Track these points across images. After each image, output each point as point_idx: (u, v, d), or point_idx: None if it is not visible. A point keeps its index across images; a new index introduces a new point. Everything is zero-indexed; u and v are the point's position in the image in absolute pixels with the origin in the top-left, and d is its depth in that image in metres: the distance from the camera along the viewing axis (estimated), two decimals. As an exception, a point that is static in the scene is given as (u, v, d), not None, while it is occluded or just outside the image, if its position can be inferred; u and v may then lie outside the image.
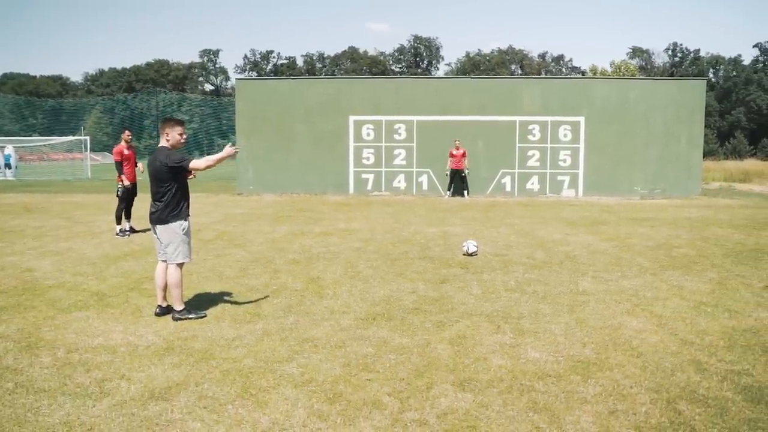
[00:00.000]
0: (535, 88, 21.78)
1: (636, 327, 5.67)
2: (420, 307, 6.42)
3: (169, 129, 6.03)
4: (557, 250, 9.95)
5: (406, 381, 4.40)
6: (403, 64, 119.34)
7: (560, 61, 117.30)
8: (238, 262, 8.83)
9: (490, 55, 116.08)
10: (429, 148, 21.33)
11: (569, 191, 21.32)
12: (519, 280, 7.70)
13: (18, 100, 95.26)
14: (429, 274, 8.04)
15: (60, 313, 6.18)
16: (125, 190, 11.75)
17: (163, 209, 5.96)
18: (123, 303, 6.59)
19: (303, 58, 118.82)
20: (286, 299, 6.74)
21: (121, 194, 11.74)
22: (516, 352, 5.00)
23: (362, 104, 21.64)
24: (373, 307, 6.39)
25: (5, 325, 5.78)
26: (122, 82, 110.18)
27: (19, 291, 7.15)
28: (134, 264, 8.73)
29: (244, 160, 22.02)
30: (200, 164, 5.82)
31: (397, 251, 9.77)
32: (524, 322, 5.88)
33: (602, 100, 21.28)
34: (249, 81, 28.57)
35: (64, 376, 4.52)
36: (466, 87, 22.60)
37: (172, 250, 6.00)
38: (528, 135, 21.35)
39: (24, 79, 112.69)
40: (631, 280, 7.67)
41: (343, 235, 11.44)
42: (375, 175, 21.66)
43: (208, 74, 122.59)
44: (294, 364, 4.72)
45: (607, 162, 21.20)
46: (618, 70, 60.89)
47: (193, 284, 7.47)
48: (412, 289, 7.20)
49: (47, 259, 9.17)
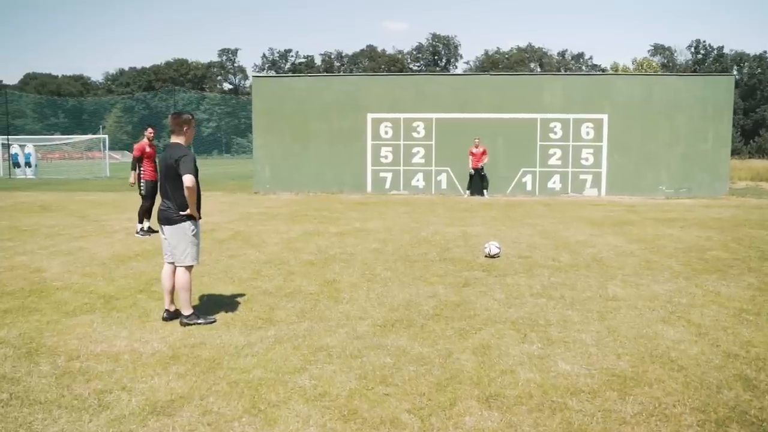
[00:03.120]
0: (557, 85, 21.32)
1: (673, 337, 5.28)
2: (441, 312, 6.08)
3: (187, 125, 5.79)
4: (583, 252, 9.55)
5: (427, 396, 4.06)
6: (421, 63, 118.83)
7: (580, 59, 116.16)
8: (252, 264, 8.54)
9: (509, 53, 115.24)
10: (448, 147, 20.95)
11: (592, 190, 20.82)
12: (544, 284, 7.33)
13: (40, 99, 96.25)
14: (449, 277, 7.69)
15: (64, 317, 5.92)
16: (150, 187, 11.44)
17: (172, 209, 5.68)
18: (130, 306, 6.32)
19: (321, 57, 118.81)
20: (300, 303, 6.42)
21: (145, 192, 11.48)
22: (545, 364, 4.64)
23: (380, 102, 21.31)
24: (391, 313, 6.06)
25: (7, 329, 5.53)
26: (142, 81, 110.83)
27: (25, 292, 6.91)
28: (145, 265, 8.47)
29: (261, 158, 21.80)
30: (189, 191, 5.56)
31: (416, 252, 9.43)
32: (552, 330, 5.52)
33: (626, 97, 20.74)
34: (266, 79, 28.40)
35: (63, 386, 4.24)
36: (485, 84, 22.21)
37: (180, 252, 5.72)
38: (549, 133, 20.88)
39: (46, 79, 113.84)
40: (664, 285, 7.26)
41: (360, 236, 11.13)
42: (393, 173, 21.32)
43: (227, 73, 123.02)
44: (306, 376, 4.40)
45: (631, 160, 20.67)
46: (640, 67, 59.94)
47: (204, 286, 7.19)
48: (432, 293, 6.86)
49: (58, 258, 8.95)
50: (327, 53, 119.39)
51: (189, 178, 5.54)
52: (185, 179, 5.53)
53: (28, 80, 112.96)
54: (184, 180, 5.53)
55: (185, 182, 5.53)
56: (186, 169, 5.55)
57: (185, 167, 5.54)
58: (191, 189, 5.56)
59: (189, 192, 5.57)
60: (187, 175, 5.53)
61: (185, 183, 5.53)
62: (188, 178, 5.54)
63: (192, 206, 5.66)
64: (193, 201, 5.65)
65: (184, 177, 5.53)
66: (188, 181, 5.53)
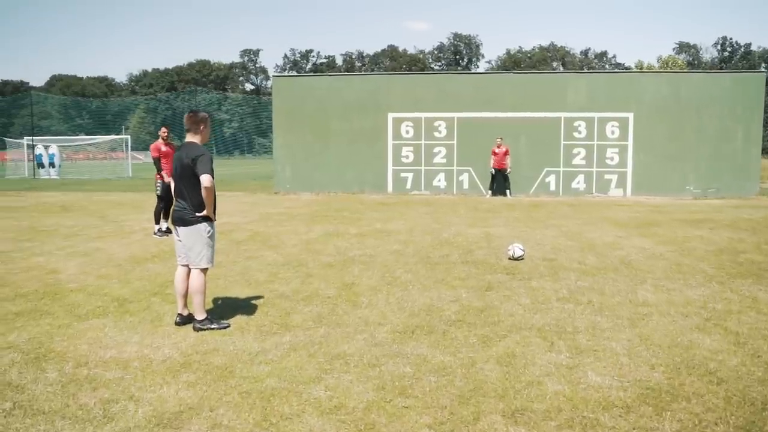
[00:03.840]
0: (581, 83, 20.93)
1: (710, 346, 4.98)
2: (463, 318, 5.83)
3: (204, 124, 5.63)
4: (610, 254, 9.24)
5: (449, 409, 3.82)
6: (442, 62, 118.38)
7: (603, 57, 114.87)
8: (269, 266, 8.36)
9: (531, 52, 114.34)
10: (470, 146, 20.64)
11: (617, 190, 20.38)
12: (571, 289, 7.04)
13: (65, 100, 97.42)
14: (472, 281, 7.44)
15: (76, 321, 5.77)
16: (166, 188, 11.32)
17: (188, 209, 5.50)
18: (143, 310, 6.16)
19: (342, 57, 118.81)
20: (317, 308, 6.22)
21: (160, 192, 11.35)
22: (574, 375, 4.37)
23: (401, 101, 21.07)
24: (411, 319, 5.82)
25: (17, 333, 5.39)
26: (165, 82, 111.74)
27: (39, 294, 6.79)
28: (161, 266, 8.33)
29: (281, 158, 21.68)
30: (207, 192, 5.40)
31: (437, 254, 9.18)
32: (581, 337, 5.24)
33: (652, 95, 20.26)
34: (286, 78, 28.34)
35: (68, 395, 4.07)
36: (508, 82, 21.90)
37: (195, 254, 5.54)
38: (573, 132, 20.49)
39: (71, 80, 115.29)
40: (697, 290, 6.94)
41: (380, 237, 10.90)
42: (414, 173, 21.07)
43: (249, 74, 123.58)
44: (322, 386, 4.19)
45: (657, 160, 20.18)
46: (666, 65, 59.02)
47: (219, 289, 7.02)
48: (454, 298, 6.61)
49: (74, 260, 8.85)
50: (348, 53, 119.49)
51: (207, 178, 5.36)
52: (203, 179, 5.35)
53: (54, 82, 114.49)
54: (202, 180, 5.35)
55: (203, 182, 5.35)
56: (203, 168, 5.37)
57: (203, 167, 5.36)
58: (209, 189, 5.39)
59: (207, 192, 5.39)
60: (204, 174, 5.36)
61: (203, 183, 5.36)
62: (206, 178, 5.36)
63: (209, 207, 5.48)
64: (211, 201, 5.47)
65: (202, 177, 5.35)
66: (206, 181, 5.36)
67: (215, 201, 5.62)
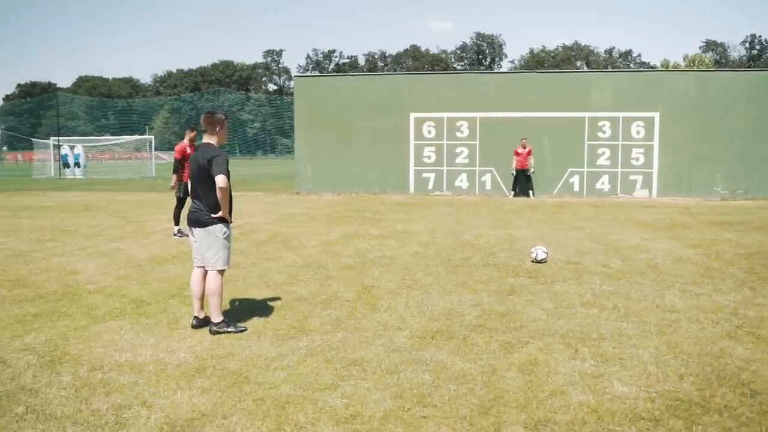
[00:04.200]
0: (606, 82, 20.58)
1: (742, 355, 4.78)
2: (484, 323, 5.69)
3: (220, 125, 5.55)
4: (636, 257, 9.01)
5: (469, 420, 3.69)
6: (465, 62, 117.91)
7: (628, 56, 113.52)
8: (288, 267, 8.28)
9: (554, 51, 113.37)
10: (492, 146, 20.42)
11: (642, 191, 20.03)
12: (596, 293, 6.86)
13: (92, 101, 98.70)
14: (494, 284, 7.28)
15: (93, 323, 5.74)
16: (185, 189, 11.29)
17: (203, 210, 5.44)
18: (160, 312, 6.11)
19: (365, 57, 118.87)
20: (336, 311, 6.11)
21: (181, 194, 11.33)
22: (600, 385, 4.21)
23: (423, 101, 20.92)
24: (431, 323, 5.70)
25: (34, 335, 5.36)
26: (189, 82, 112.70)
27: (58, 295, 6.78)
28: (180, 268, 8.29)
29: (303, 158, 21.66)
30: (222, 192, 5.33)
31: (458, 257, 9.03)
32: (606, 345, 5.07)
33: (678, 94, 19.85)
34: (308, 78, 28.34)
35: (81, 399, 4.01)
36: (531, 81, 21.63)
37: (211, 256, 5.47)
38: (598, 132, 20.16)
39: (97, 81, 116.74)
40: (727, 295, 6.71)
41: (401, 238, 10.78)
42: (436, 174, 20.91)
43: (272, 74, 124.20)
44: (338, 394, 4.08)
45: (684, 160, 19.77)
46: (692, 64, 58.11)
47: (238, 291, 6.95)
48: (475, 302, 6.46)
49: (94, 260, 8.85)
50: (370, 53, 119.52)
51: (222, 178, 5.30)
52: (218, 180, 5.29)
53: (80, 83, 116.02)
54: (217, 180, 5.29)
55: (218, 183, 5.30)
56: (219, 169, 5.31)
57: (218, 167, 5.30)
58: (224, 190, 5.33)
59: (222, 193, 5.33)
60: (220, 175, 5.30)
61: (218, 183, 5.30)
62: (221, 178, 5.30)
63: (224, 208, 5.41)
64: (226, 202, 5.41)
65: (217, 177, 5.29)
66: (221, 181, 5.30)
67: (231, 202, 5.56)
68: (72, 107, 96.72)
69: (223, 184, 5.30)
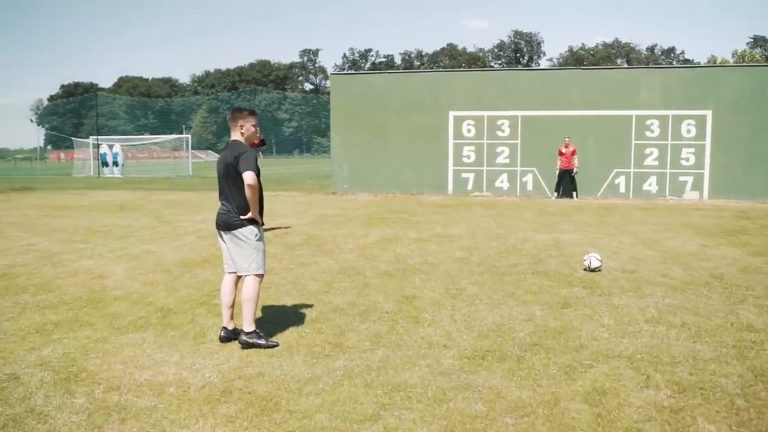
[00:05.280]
0: (654, 79, 19.64)
1: None
2: (540, 342, 5.13)
3: (242, 120, 5.08)
4: (697, 266, 8.32)
5: (534, 465, 3.16)
6: (502, 61, 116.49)
7: (671, 53, 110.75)
8: (324, 273, 7.82)
9: (594, 49, 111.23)
10: (534, 146, 19.70)
11: (692, 193, 19.09)
12: (659, 307, 6.23)
13: (132, 101, 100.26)
14: (546, 295, 6.71)
15: (115, 334, 5.34)
16: None
17: (232, 212, 5.00)
18: (187, 322, 5.69)
19: (401, 56, 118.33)
20: (375, 325, 5.61)
21: None
22: (681, 422, 3.63)
23: (463, 99, 20.30)
24: (480, 341, 5.15)
25: (52, 347, 4.98)
26: (226, 82, 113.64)
27: (82, 302, 6.43)
28: (210, 272, 7.89)
29: (338, 157, 21.25)
30: (251, 190, 4.89)
31: (504, 263, 8.46)
32: (681, 370, 4.47)
33: (733, 91, 18.81)
34: (344, 76, 27.96)
35: (93, 427, 3.59)
36: (575, 78, 20.79)
37: (243, 260, 5.04)
38: (645, 131, 19.26)
39: (137, 82, 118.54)
40: (810, 311, 6.03)
41: (442, 242, 10.24)
42: (476, 174, 20.28)
43: (308, 74, 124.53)
44: (380, 426, 3.58)
45: (738, 161, 18.74)
46: (742, 60, 56.13)
47: (270, 299, 6.51)
48: (527, 316, 5.90)
49: (123, 263, 8.52)
50: (407, 52, 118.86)
51: (250, 175, 4.84)
52: (246, 176, 4.84)
53: (121, 83, 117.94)
54: (245, 178, 4.84)
55: (246, 179, 4.84)
56: (246, 165, 4.86)
57: (245, 164, 4.85)
58: (253, 187, 4.86)
59: (250, 191, 4.87)
60: (248, 172, 4.84)
61: (246, 180, 4.84)
62: (249, 175, 4.84)
63: (254, 207, 4.95)
64: (255, 201, 4.94)
65: (245, 174, 4.84)
66: (249, 178, 4.84)
67: (262, 202, 5.10)
68: (113, 107, 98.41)
69: (252, 181, 4.85)
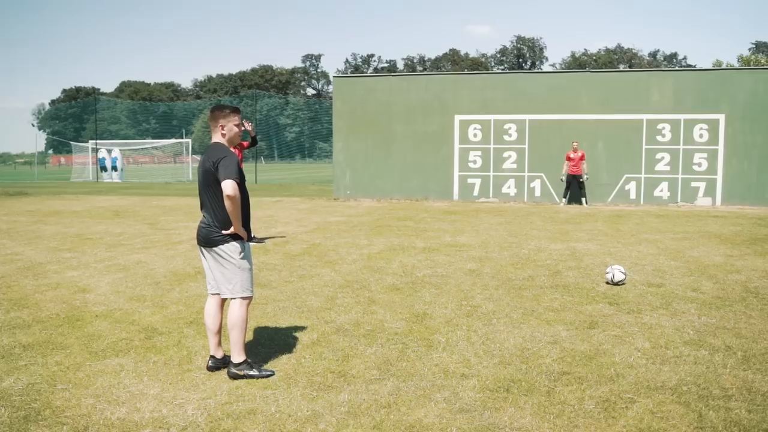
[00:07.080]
0: (666, 82, 19.04)
1: None
2: (570, 369, 4.52)
3: (223, 120, 4.41)
4: (728, 279, 7.72)
5: None
6: (505, 66, 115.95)
7: (673, 59, 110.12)
8: (326, 287, 7.21)
9: (596, 54, 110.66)
10: (542, 151, 19.13)
11: (705, 200, 18.47)
12: (696, 327, 5.63)
13: (133, 105, 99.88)
14: (569, 313, 6.10)
15: (90, 359, 4.75)
16: None
17: (212, 226, 4.37)
18: (173, 345, 5.09)
19: (404, 62, 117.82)
20: (383, 349, 5.01)
21: None
22: (755, 478, 3.03)
23: (469, 102, 19.73)
24: (503, 369, 4.55)
25: (16, 376, 4.38)
26: (228, 87, 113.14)
27: (59, 321, 5.84)
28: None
29: (341, 162, 20.67)
30: (231, 202, 4.23)
31: (520, 276, 7.85)
32: (737, 406, 3.87)
33: (747, 95, 18.22)
34: (348, 79, 27.33)
35: (49, 484, 2.99)
36: (584, 82, 20.19)
37: (226, 281, 4.39)
38: (656, 135, 18.69)
39: (139, 86, 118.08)
40: None
41: (451, 252, 9.64)
42: (482, 179, 19.69)
43: (310, 79, 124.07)
44: (393, 484, 2.98)
45: (752, 166, 18.16)
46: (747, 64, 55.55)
47: (266, 317, 5.92)
48: (552, 338, 5.30)
49: (110, 275, 7.93)
50: (409, 57, 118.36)
51: (229, 184, 4.19)
52: (224, 186, 4.19)
53: (123, 87, 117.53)
54: (224, 187, 4.19)
55: (225, 190, 4.19)
56: (226, 172, 4.21)
57: (225, 171, 4.20)
58: (233, 198, 4.20)
59: (230, 203, 4.21)
60: (227, 180, 4.19)
61: (225, 191, 4.19)
62: (228, 184, 4.19)
63: (236, 221, 4.29)
64: (237, 215, 4.27)
65: (224, 183, 4.19)
66: (228, 188, 4.18)
67: (248, 212, 4.48)
68: (114, 111, 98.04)
69: (231, 191, 4.19)
